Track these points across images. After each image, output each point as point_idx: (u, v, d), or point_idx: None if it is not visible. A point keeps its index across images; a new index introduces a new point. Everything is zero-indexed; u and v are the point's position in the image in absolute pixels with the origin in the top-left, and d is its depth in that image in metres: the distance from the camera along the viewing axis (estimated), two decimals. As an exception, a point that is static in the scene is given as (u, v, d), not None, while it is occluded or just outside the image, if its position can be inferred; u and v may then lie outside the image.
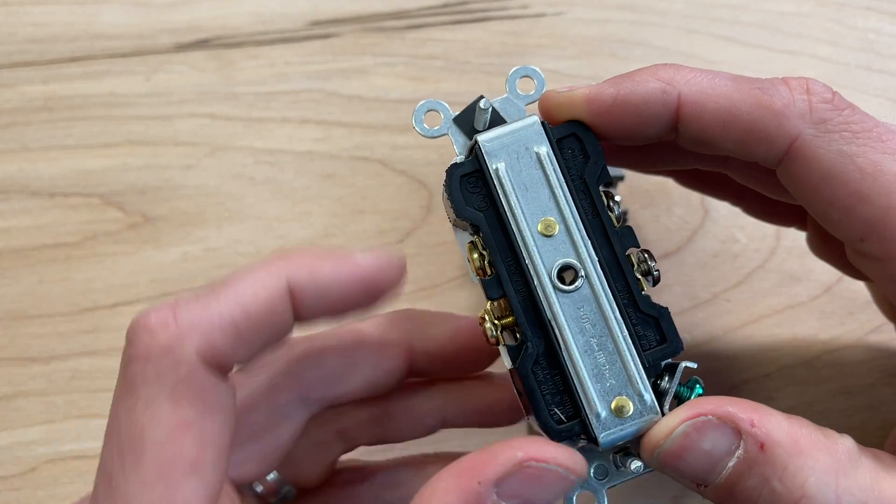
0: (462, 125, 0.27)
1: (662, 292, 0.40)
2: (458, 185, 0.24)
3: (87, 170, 0.43)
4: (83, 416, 0.39)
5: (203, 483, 0.22)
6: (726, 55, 0.44)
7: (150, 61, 0.44)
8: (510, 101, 0.27)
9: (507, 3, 0.46)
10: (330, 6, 0.46)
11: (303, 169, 0.43)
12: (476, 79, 0.44)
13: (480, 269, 0.24)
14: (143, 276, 0.41)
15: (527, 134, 0.25)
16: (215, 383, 0.23)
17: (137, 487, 0.21)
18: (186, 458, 0.22)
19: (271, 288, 0.23)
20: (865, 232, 0.25)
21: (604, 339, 0.24)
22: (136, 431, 0.22)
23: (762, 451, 0.23)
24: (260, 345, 0.24)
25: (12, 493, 0.38)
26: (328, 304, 0.24)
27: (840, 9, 0.45)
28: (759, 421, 0.23)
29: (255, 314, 0.23)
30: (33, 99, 0.44)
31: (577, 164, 0.25)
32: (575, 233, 0.24)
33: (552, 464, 0.23)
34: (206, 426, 0.22)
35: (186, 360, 0.22)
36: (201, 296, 0.23)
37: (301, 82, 0.44)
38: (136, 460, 0.22)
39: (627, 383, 0.24)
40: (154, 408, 0.22)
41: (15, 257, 0.41)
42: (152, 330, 0.22)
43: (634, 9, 0.45)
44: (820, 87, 0.25)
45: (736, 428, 0.23)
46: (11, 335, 0.40)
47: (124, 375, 0.23)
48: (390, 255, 0.25)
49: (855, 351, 0.40)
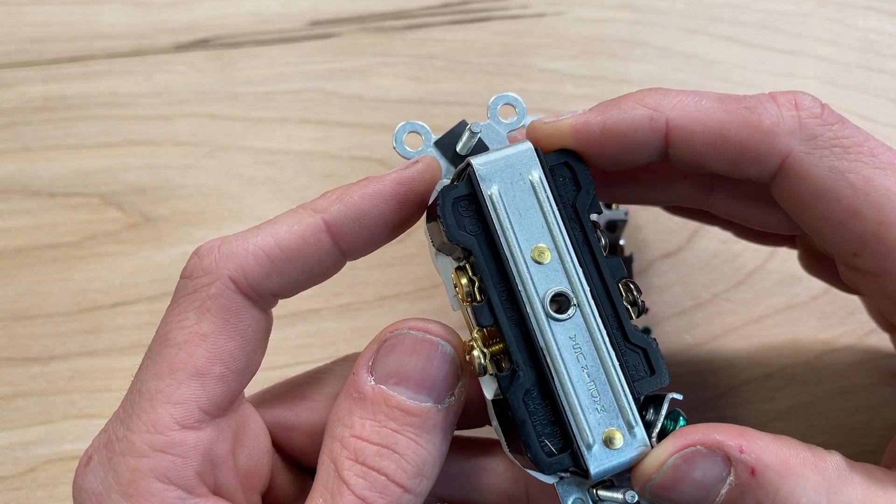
0: (443, 149, 0.27)
1: (663, 292, 0.40)
2: (450, 207, 0.24)
3: (86, 170, 0.43)
4: (83, 416, 0.39)
5: (204, 390, 0.24)
6: (726, 55, 0.44)
7: (150, 61, 0.44)
8: (491, 128, 0.27)
9: (507, 3, 0.46)
10: (330, 6, 0.46)
11: (303, 169, 0.43)
12: (476, 79, 0.44)
13: (469, 295, 0.24)
14: (143, 276, 0.41)
15: (521, 159, 0.24)
16: (242, 308, 0.25)
17: (150, 376, 0.24)
18: (195, 364, 0.24)
19: (304, 223, 0.25)
20: (858, 247, 0.25)
21: (595, 370, 0.24)
22: (165, 332, 0.25)
23: (753, 476, 0.23)
24: (296, 275, 0.25)
25: (12, 493, 0.38)
26: (366, 225, 0.25)
27: (840, 9, 0.45)
28: (747, 446, 0.23)
29: (288, 246, 0.25)
30: (33, 99, 0.44)
31: (568, 193, 0.25)
32: (567, 261, 0.24)
33: (405, 327, 0.25)
34: (222, 343, 0.25)
35: (219, 281, 0.25)
36: (245, 231, 0.25)
37: (301, 82, 0.44)
38: (158, 355, 0.25)
39: (619, 415, 0.24)
40: (183, 316, 0.25)
41: (15, 257, 0.41)
42: (200, 255, 0.25)
43: (635, 8, 0.45)
44: (809, 102, 0.25)
45: (725, 455, 0.23)
46: (11, 335, 0.40)
47: (175, 290, 0.26)
48: (416, 162, 0.26)
49: (855, 351, 0.40)
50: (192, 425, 0.24)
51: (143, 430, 0.24)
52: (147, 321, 0.40)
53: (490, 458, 0.29)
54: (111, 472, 0.24)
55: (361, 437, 0.24)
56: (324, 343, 0.40)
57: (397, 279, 0.41)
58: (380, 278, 0.41)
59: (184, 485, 0.24)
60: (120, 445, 0.24)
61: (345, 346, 0.40)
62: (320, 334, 0.40)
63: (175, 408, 0.24)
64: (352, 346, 0.40)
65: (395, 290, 0.41)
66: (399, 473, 0.24)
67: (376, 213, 0.25)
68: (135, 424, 0.24)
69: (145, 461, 0.24)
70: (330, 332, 0.40)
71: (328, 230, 0.25)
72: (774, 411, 0.39)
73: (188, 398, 0.24)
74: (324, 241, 0.25)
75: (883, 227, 0.24)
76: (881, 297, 0.27)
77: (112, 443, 0.24)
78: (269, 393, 0.29)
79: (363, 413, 0.24)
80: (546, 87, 0.44)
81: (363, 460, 0.24)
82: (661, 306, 0.40)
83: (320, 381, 0.29)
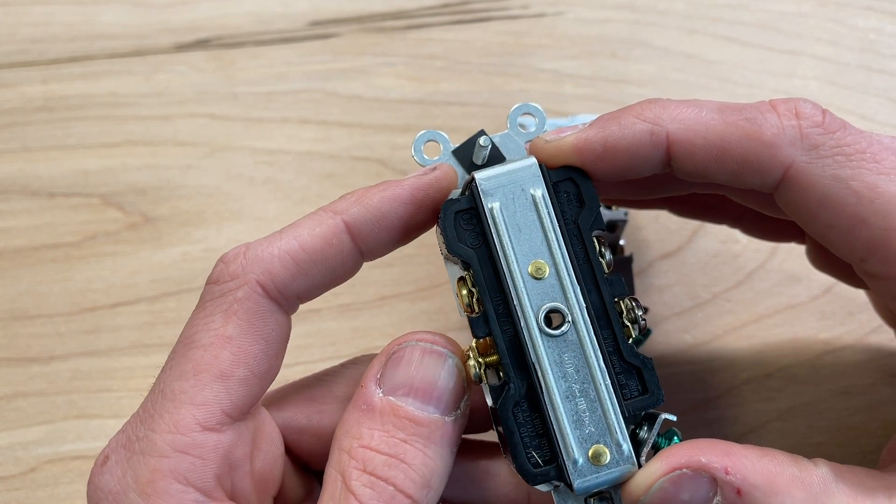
0: (461, 158, 0.27)
1: (663, 292, 0.40)
2: (451, 221, 0.25)
3: (86, 170, 0.43)
4: (83, 416, 0.39)
5: (227, 393, 0.24)
6: (726, 55, 0.44)
7: (150, 61, 0.44)
8: (510, 137, 0.27)
9: (507, 3, 0.46)
10: (330, 6, 0.46)
11: (303, 169, 0.43)
12: (476, 79, 0.44)
13: (469, 306, 0.25)
14: (143, 276, 0.41)
15: (524, 175, 0.25)
16: (268, 312, 0.25)
17: (173, 377, 0.25)
18: (219, 367, 0.24)
19: (325, 225, 0.26)
20: (866, 253, 0.25)
21: (586, 386, 0.24)
22: (191, 334, 0.25)
23: (739, 497, 0.24)
24: (319, 277, 0.26)
25: (12, 494, 0.38)
26: (385, 227, 0.26)
27: (840, 9, 0.45)
28: (732, 467, 0.24)
29: (312, 248, 0.25)
30: (33, 99, 0.44)
31: (571, 209, 0.25)
32: (565, 277, 0.24)
33: (410, 340, 0.25)
34: (246, 346, 0.25)
35: (246, 285, 0.25)
36: (269, 236, 0.26)
37: (301, 82, 0.44)
38: (182, 357, 0.25)
39: (606, 432, 0.24)
40: (209, 319, 0.25)
41: (15, 257, 0.41)
42: (226, 262, 0.25)
43: (635, 8, 0.45)
44: (809, 110, 0.25)
45: (711, 477, 0.24)
46: (11, 335, 0.40)
47: (201, 295, 0.26)
48: (433, 169, 0.27)
49: (855, 351, 0.40)
50: (214, 427, 0.24)
51: (165, 430, 0.24)
52: (147, 321, 0.40)
53: (494, 461, 0.29)
54: (129, 471, 0.24)
55: (370, 447, 0.24)
56: (324, 343, 0.40)
57: (397, 279, 0.41)
58: (380, 278, 0.41)
59: (202, 487, 0.24)
60: (140, 445, 0.24)
61: (344, 346, 0.40)
62: (320, 334, 0.40)
63: (198, 409, 0.24)
64: (351, 346, 0.40)
65: (395, 290, 0.41)
66: (407, 484, 0.24)
67: (394, 215, 0.26)
68: (157, 424, 0.24)
69: (165, 461, 0.24)
70: (330, 332, 0.40)
71: (349, 231, 0.26)
72: (774, 411, 0.39)
73: (211, 399, 0.24)
74: (345, 241, 0.26)
75: (889, 233, 0.24)
76: (889, 298, 0.27)
77: (132, 442, 0.24)
78: (278, 395, 0.29)
79: (371, 424, 0.24)
80: (546, 87, 0.44)
81: (371, 470, 0.24)
82: (661, 306, 0.40)
83: (329, 383, 0.29)
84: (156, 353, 0.40)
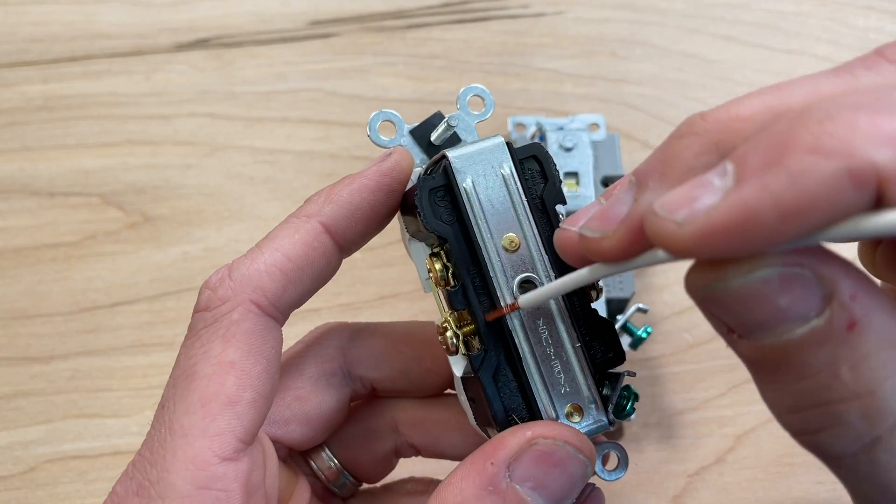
0: (417, 138, 0.29)
1: (663, 292, 0.40)
2: (427, 198, 0.25)
3: (86, 169, 0.43)
4: (83, 416, 0.39)
5: (238, 419, 0.24)
6: (726, 55, 0.44)
7: (150, 61, 0.44)
8: (461, 118, 0.29)
9: (507, 3, 0.46)
10: (330, 6, 0.46)
11: (303, 168, 0.43)
12: (476, 78, 0.44)
13: (443, 279, 0.26)
14: (143, 276, 0.41)
15: (493, 154, 0.26)
16: (265, 330, 0.25)
17: (181, 412, 0.24)
18: (227, 394, 0.24)
19: (303, 230, 0.25)
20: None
21: (559, 350, 0.26)
22: (190, 365, 0.24)
23: (849, 332, 0.18)
24: (308, 282, 0.26)
25: (12, 493, 0.38)
26: (359, 219, 0.26)
27: (840, 8, 0.45)
28: (862, 296, 0.18)
29: (296, 256, 0.25)
30: (33, 99, 0.44)
31: (536, 185, 0.26)
32: (535, 249, 0.25)
33: (559, 440, 0.24)
34: (249, 368, 0.24)
35: (241, 306, 0.24)
36: (249, 253, 0.25)
37: (301, 82, 0.44)
38: (185, 390, 0.24)
39: (579, 391, 0.26)
40: (207, 347, 0.24)
41: (15, 257, 0.41)
42: (213, 287, 0.25)
43: (634, 8, 0.45)
44: None
45: (829, 293, 0.18)
46: (11, 335, 0.40)
47: (190, 325, 0.25)
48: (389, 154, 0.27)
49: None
50: (231, 456, 0.24)
51: (182, 469, 0.23)
52: (147, 321, 0.40)
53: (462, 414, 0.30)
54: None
55: None
56: (324, 343, 0.40)
57: (397, 279, 0.41)
58: (380, 278, 0.41)
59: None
60: (157, 489, 0.23)
61: (345, 346, 0.40)
62: (320, 334, 0.40)
63: (213, 441, 0.23)
64: (352, 346, 0.40)
65: (394, 289, 0.41)
66: None
67: (366, 205, 0.26)
68: (170, 464, 0.23)
69: (189, 501, 0.23)
70: (330, 332, 0.40)
71: (327, 232, 0.26)
72: (774, 411, 0.39)
73: (224, 429, 0.23)
74: (326, 242, 0.26)
75: None
76: None
77: (145, 489, 0.23)
78: None
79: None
80: (546, 87, 0.44)
81: None
82: (661, 306, 0.40)
83: (299, 367, 0.29)
84: (155, 352, 0.40)
